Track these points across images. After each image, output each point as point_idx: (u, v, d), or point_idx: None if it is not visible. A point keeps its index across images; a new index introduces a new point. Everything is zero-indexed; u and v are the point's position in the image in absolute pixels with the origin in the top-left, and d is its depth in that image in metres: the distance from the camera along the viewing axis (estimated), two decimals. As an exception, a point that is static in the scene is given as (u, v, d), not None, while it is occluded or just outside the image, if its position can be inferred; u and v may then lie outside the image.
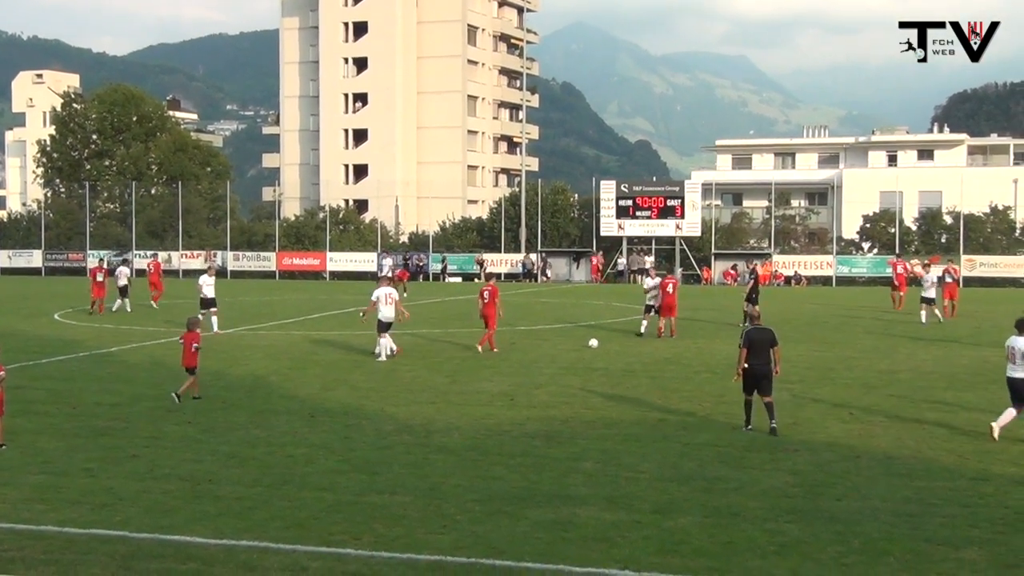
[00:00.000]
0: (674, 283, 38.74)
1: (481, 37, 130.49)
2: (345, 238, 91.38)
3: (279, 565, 12.11)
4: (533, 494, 15.21)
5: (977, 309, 50.61)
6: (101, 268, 48.45)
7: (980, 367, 29.10)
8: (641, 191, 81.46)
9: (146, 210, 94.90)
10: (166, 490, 15.44)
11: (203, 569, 12.00)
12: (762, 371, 19.87)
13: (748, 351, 19.95)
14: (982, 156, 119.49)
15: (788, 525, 13.75)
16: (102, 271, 47.76)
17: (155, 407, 22.34)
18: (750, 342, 20.07)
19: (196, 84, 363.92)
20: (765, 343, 20.01)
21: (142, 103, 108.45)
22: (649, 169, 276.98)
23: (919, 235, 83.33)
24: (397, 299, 31.46)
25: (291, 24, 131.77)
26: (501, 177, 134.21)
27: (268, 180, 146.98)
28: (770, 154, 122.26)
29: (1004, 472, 16.73)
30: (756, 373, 19.87)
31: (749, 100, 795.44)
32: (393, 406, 22.58)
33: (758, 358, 19.91)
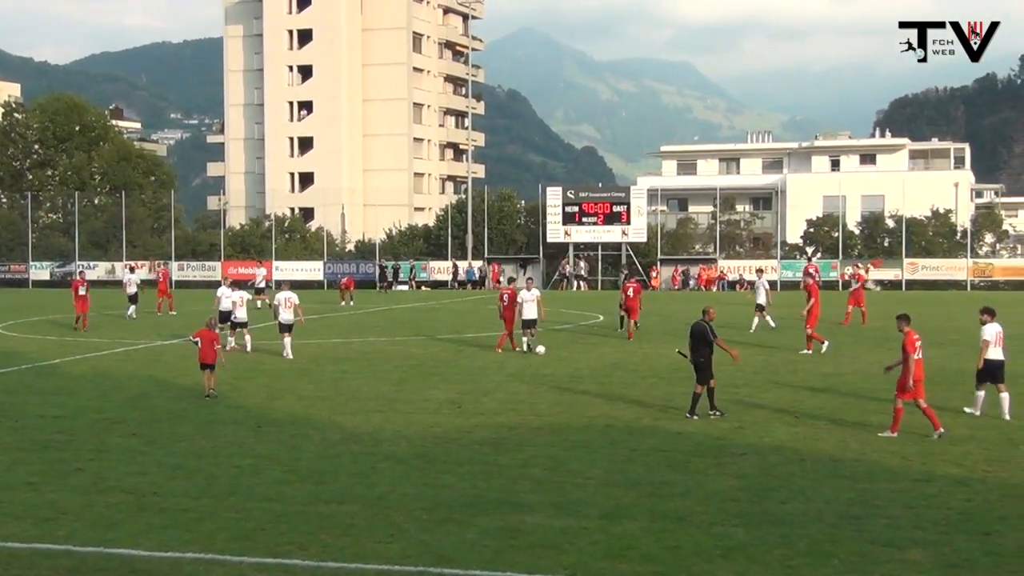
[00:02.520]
0: (635, 287, 39.73)
1: (426, 44, 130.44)
2: (291, 247, 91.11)
3: (225, 577, 12.04)
4: (481, 501, 15.20)
5: (920, 312, 51.03)
6: (83, 281, 45.61)
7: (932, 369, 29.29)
8: (587, 197, 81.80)
9: (89, 220, 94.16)
10: (110, 503, 15.29)
11: (149, 582, 11.90)
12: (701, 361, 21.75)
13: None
14: (923, 160, 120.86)
15: (734, 528, 13.82)
16: (84, 284, 44.99)
17: (99, 419, 22.12)
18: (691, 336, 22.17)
19: (139, 93, 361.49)
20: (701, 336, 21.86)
21: (85, 112, 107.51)
22: (595, 175, 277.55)
23: (862, 239, 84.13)
24: (296, 303, 33.54)
25: (235, 32, 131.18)
26: (448, 184, 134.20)
27: (213, 189, 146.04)
28: (715, 160, 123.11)
29: (947, 473, 16.90)
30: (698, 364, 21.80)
31: (694, 106, 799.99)
32: (340, 415, 22.50)
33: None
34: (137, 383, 27.65)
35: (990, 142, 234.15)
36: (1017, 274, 79.23)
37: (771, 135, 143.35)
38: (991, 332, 21.62)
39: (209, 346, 24.86)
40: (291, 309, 33.23)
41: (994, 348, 21.62)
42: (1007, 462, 17.64)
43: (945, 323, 44.11)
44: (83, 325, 43.23)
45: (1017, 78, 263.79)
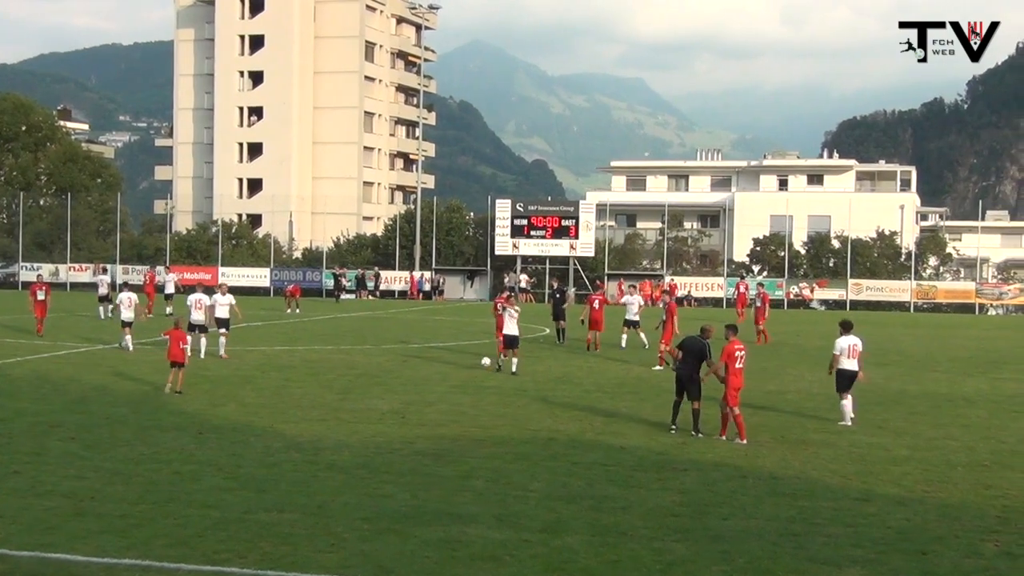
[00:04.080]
0: (601, 299, 39.89)
1: (379, 54, 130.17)
2: (238, 253, 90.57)
3: (162, 584, 11.94)
4: (422, 512, 15.16)
5: (863, 332, 51.41)
6: (41, 285, 43.79)
7: (864, 389, 29.51)
8: (536, 211, 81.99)
9: (34, 221, 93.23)
10: (48, 507, 15.13)
11: (84, 588, 11.78)
12: (688, 375, 21.82)
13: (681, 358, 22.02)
14: (870, 182, 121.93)
15: (674, 544, 13.86)
16: (42, 288, 43.16)
17: (37, 423, 21.88)
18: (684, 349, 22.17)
19: (88, 94, 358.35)
20: (696, 352, 21.87)
21: (32, 112, 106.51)
22: (545, 189, 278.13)
23: (808, 259, 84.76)
24: (208, 304, 35.20)
25: (186, 36, 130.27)
26: (397, 194, 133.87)
27: (160, 193, 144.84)
28: (664, 176, 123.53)
29: (886, 492, 17.04)
30: (681, 377, 21.94)
31: (645, 122, 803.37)
32: (282, 423, 22.38)
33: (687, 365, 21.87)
34: (77, 387, 27.39)
35: (936, 166, 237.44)
36: (960, 297, 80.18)
37: (721, 153, 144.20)
38: (842, 344, 23.29)
39: (176, 345, 26.34)
40: (202, 310, 34.87)
41: (848, 360, 23.23)
42: (945, 483, 17.81)
43: (887, 344, 44.51)
44: (39, 329, 41.34)
45: (964, 102, 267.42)
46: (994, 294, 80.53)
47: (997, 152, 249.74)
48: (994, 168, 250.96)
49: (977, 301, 79.45)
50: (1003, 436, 22.31)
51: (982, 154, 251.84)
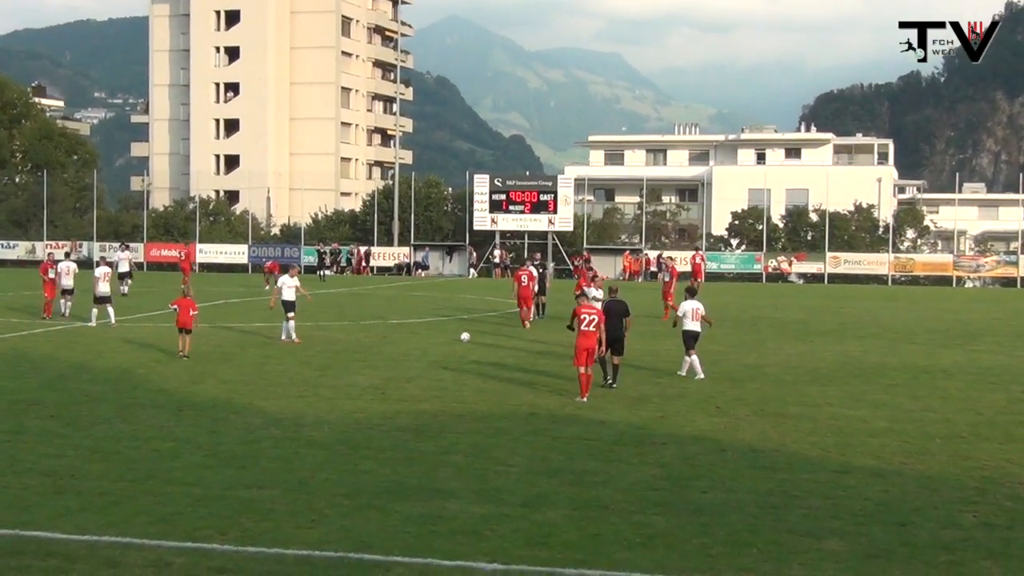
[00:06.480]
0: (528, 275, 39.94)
1: (355, 29, 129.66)
2: (215, 230, 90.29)
3: (143, 561, 11.89)
4: (402, 488, 15.16)
5: (841, 305, 51.70)
6: (52, 263, 42.76)
7: (843, 362, 29.72)
8: (514, 185, 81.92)
9: (9, 199, 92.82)
10: (27, 485, 15.08)
11: (64, 565, 11.73)
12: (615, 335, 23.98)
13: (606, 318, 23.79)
14: (848, 155, 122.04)
15: (655, 517, 13.90)
16: (53, 267, 41.68)
17: (16, 401, 21.79)
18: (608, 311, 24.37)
19: (63, 71, 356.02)
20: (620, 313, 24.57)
21: (6, 89, 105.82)
22: (523, 164, 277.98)
23: (786, 232, 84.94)
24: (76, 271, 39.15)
25: (161, 11, 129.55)
26: (375, 170, 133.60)
27: (137, 170, 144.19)
28: (642, 150, 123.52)
29: (864, 465, 17.10)
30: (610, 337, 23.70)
31: (622, 97, 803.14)
32: (262, 400, 22.34)
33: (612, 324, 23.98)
34: (56, 364, 27.30)
35: (913, 139, 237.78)
36: (937, 269, 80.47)
37: (698, 127, 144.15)
38: (685, 308, 26.58)
39: (186, 312, 28.71)
40: (107, 282, 37.47)
41: (691, 322, 26.41)
42: (923, 454, 17.88)
43: (865, 317, 44.68)
44: (47, 311, 39.54)
45: (940, 76, 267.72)
46: (971, 267, 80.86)
47: (974, 125, 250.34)
48: (971, 141, 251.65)
49: (954, 274, 79.78)
50: (980, 408, 22.39)
51: (959, 127, 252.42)
